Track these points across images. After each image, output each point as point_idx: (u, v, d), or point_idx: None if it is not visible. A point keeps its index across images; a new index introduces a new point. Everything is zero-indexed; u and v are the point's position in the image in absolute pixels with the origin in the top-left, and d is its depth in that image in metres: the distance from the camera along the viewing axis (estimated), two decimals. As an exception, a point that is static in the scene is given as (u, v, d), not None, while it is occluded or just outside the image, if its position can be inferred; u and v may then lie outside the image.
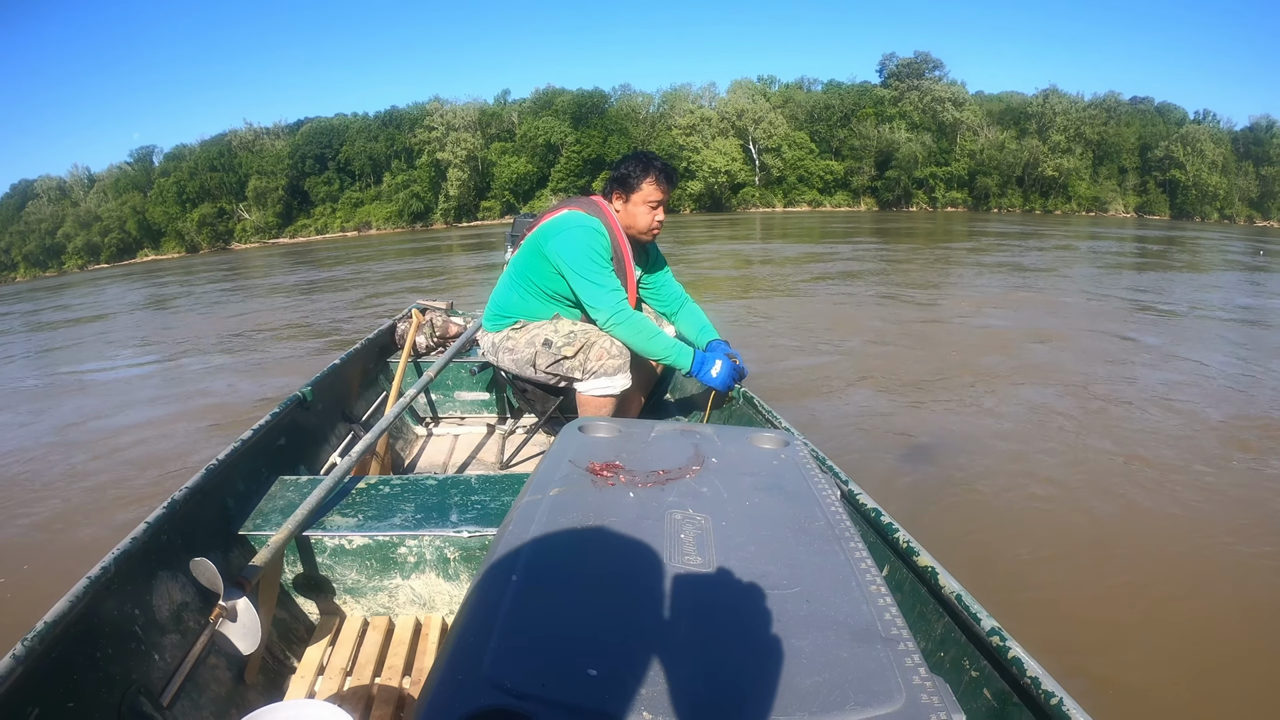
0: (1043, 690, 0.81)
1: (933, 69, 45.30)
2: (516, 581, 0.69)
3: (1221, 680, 1.90)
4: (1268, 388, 4.38)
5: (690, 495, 0.90)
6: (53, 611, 0.93)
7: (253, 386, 5.13)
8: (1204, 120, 46.54)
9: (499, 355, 1.96)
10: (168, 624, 1.13)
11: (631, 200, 1.83)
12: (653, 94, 45.63)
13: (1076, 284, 10.11)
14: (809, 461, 1.04)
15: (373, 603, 1.36)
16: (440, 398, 2.64)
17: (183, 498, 1.26)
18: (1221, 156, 43.81)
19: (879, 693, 0.57)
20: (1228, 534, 2.59)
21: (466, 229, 38.62)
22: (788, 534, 0.82)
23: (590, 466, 0.96)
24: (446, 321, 2.84)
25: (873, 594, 0.71)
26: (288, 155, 46.80)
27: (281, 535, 1.21)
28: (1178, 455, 3.31)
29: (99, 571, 1.02)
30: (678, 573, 0.73)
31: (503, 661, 0.58)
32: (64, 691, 0.91)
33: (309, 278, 14.93)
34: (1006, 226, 26.87)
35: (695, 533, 0.81)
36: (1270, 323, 6.87)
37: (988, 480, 2.98)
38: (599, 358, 1.77)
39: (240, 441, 1.53)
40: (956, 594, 0.99)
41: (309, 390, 1.98)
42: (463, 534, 1.29)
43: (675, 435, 1.11)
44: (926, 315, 7.08)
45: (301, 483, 1.48)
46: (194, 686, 1.09)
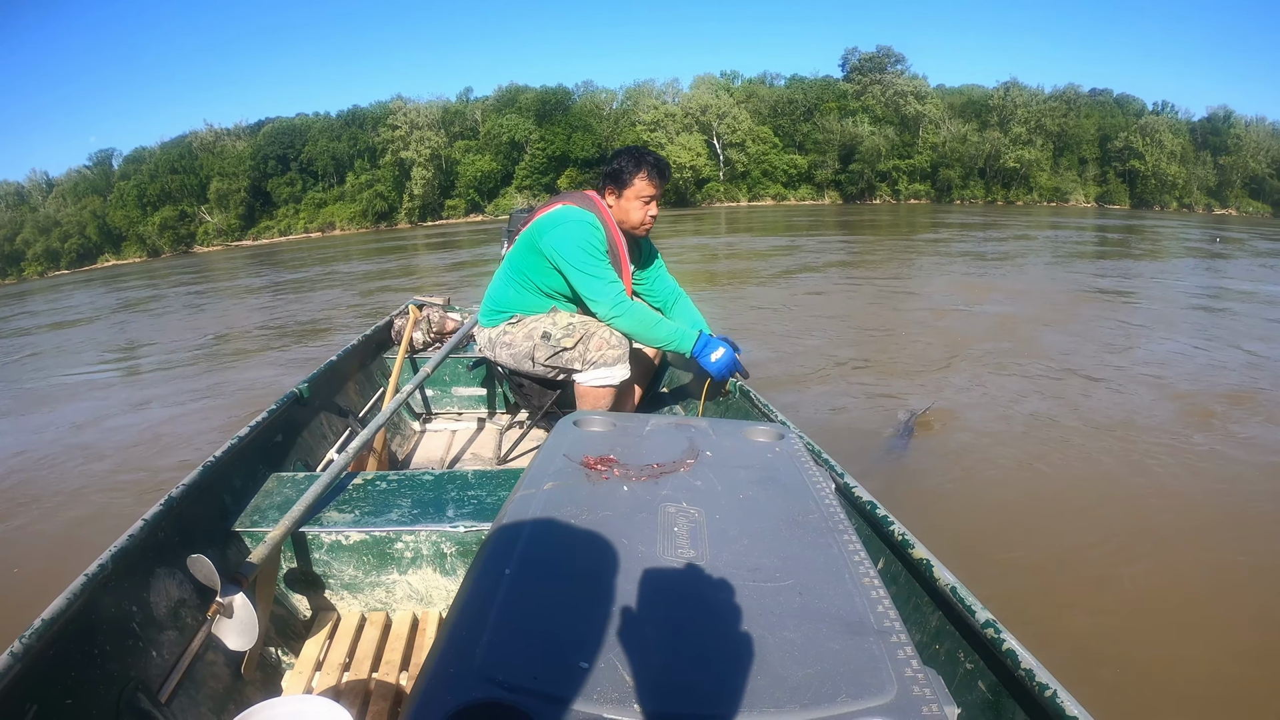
0: (1037, 682, 0.80)
1: (895, 63, 45.62)
2: (510, 575, 0.70)
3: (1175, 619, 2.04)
4: (1228, 365, 4.60)
5: (684, 488, 0.90)
6: (50, 609, 0.93)
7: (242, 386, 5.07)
8: (1162, 111, 47.22)
9: (496, 350, 1.96)
10: (165, 620, 1.13)
11: (624, 195, 1.84)
12: (616, 90, 45.53)
13: (1039, 271, 10.41)
14: (804, 455, 1.04)
15: (370, 598, 1.35)
16: (437, 393, 2.63)
17: (180, 495, 1.26)
18: (1180, 146, 44.48)
19: (870, 685, 0.57)
20: (1190, 497, 2.71)
21: (431, 228, 38.28)
22: (781, 527, 0.83)
23: (585, 460, 0.97)
24: (443, 317, 2.85)
25: (865, 586, 0.71)
26: (249, 156, 46.11)
27: (278, 531, 1.20)
28: (1146, 424, 3.48)
29: (96, 569, 1.02)
30: (671, 566, 0.73)
31: (496, 654, 0.59)
32: (62, 689, 0.91)
33: (276, 280, 14.65)
34: (969, 218, 27.13)
35: (689, 526, 0.81)
36: (1231, 308, 7.06)
37: (962, 456, 3.11)
38: (599, 348, 1.78)
39: (237, 438, 1.53)
40: (951, 586, 0.98)
41: (305, 387, 1.98)
42: (459, 529, 1.29)
43: (670, 429, 1.11)
44: (893, 303, 7.28)
45: (298, 479, 1.48)
46: (191, 683, 1.10)
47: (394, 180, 43.90)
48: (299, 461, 1.81)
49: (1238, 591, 2.20)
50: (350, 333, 2.80)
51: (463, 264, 14.59)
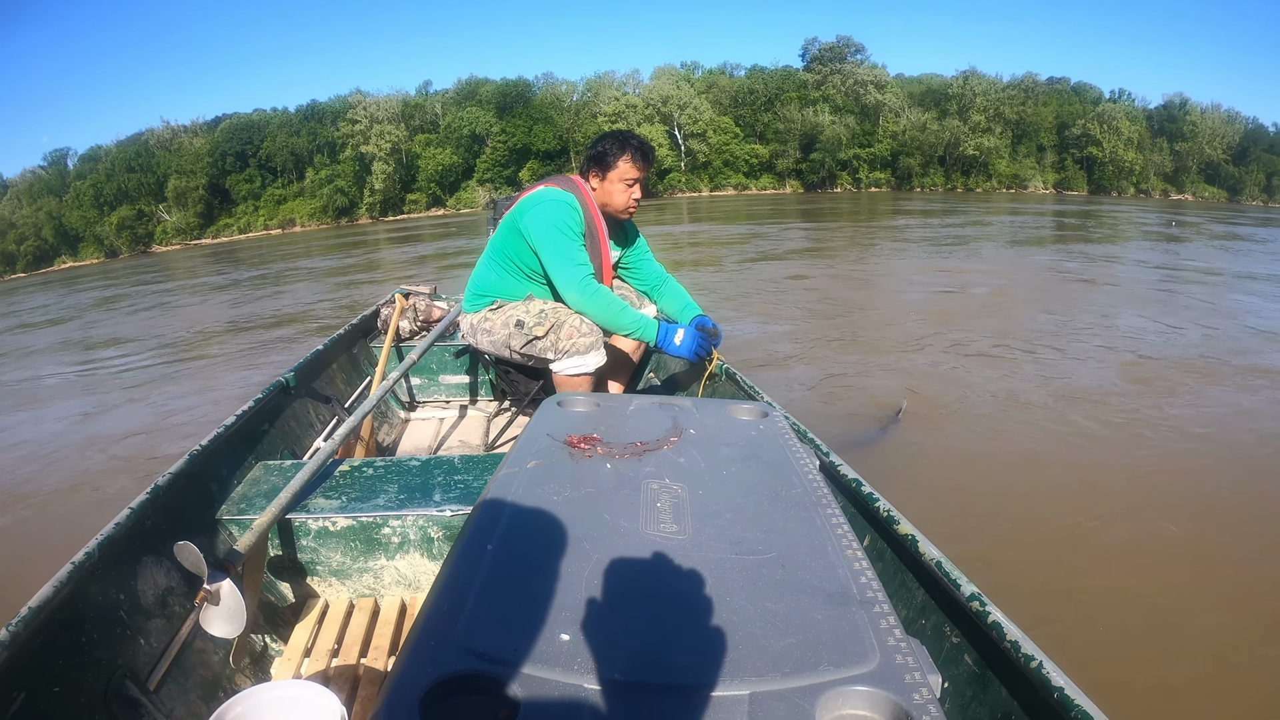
0: (1023, 654, 0.81)
1: (855, 52, 45.87)
2: (492, 551, 0.70)
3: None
4: (1181, 340, 4.90)
5: (668, 465, 0.91)
6: (37, 597, 0.92)
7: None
8: (1119, 99, 47.90)
9: (477, 337, 1.97)
10: (153, 608, 1.12)
11: (608, 178, 1.84)
12: (576, 82, 45.41)
13: (998, 254, 10.74)
14: (788, 432, 1.04)
15: (358, 584, 1.35)
16: (424, 381, 2.65)
17: (166, 483, 1.25)
18: (1137, 133, 45.14)
19: (853, 653, 0.57)
20: (1144, 457, 2.93)
21: (393, 223, 37.92)
22: (764, 502, 0.83)
23: (568, 439, 0.97)
24: (429, 305, 2.85)
25: (848, 558, 0.71)
26: (207, 153, 45.38)
27: (265, 518, 1.20)
28: (1101, 392, 3.75)
29: (83, 557, 1.01)
30: (653, 540, 0.73)
31: (477, 628, 0.59)
32: (50, 677, 0.91)
33: (238, 278, 14.20)
34: (930, 205, 27.38)
35: (672, 501, 0.82)
36: (1187, 287, 7.36)
37: (925, 421, 3.36)
38: (569, 336, 1.78)
39: (223, 427, 1.53)
40: (936, 561, 0.98)
41: (292, 375, 1.98)
42: (446, 513, 1.28)
43: (654, 408, 1.11)
44: (858, 286, 7.58)
45: (285, 467, 1.48)
46: (180, 670, 1.10)
47: (354, 175, 43.44)
48: (286, 450, 1.80)
49: (1185, 529, 2.41)
50: (350, 321, 2.78)
51: (425, 258, 14.43)
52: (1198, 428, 3.25)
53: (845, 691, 0.54)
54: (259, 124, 46.28)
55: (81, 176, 45.75)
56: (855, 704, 0.54)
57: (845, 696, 0.54)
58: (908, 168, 43.50)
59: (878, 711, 0.54)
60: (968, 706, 0.90)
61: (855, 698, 0.54)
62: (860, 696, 0.54)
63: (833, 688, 0.54)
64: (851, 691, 0.54)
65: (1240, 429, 3.25)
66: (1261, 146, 47.94)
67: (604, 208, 1.89)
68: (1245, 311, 5.92)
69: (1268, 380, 3.95)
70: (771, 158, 44.14)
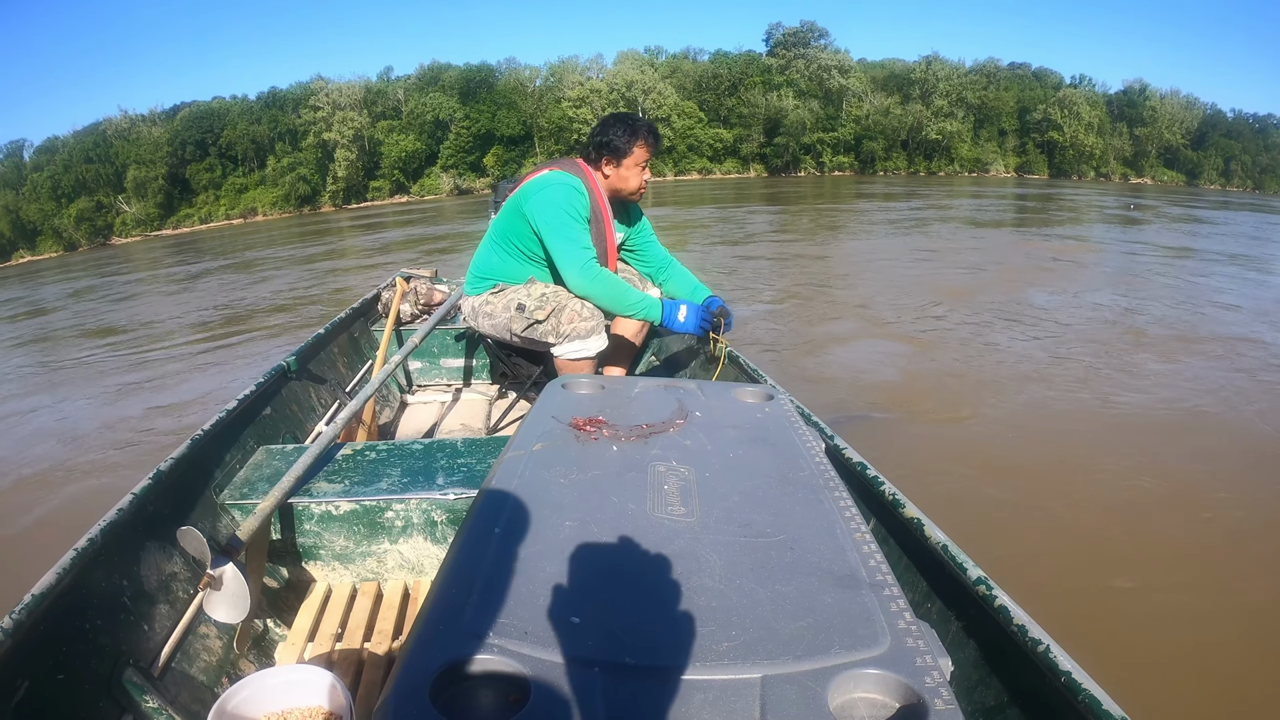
0: (1029, 638, 0.80)
1: (818, 37, 46.22)
2: (499, 534, 0.70)
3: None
4: (1141, 312, 5.29)
5: (674, 448, 0.90)
6: (40, 584, 0.91)
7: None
8: (1080, 84, 48.66)
9: (479, 320, 1.97)
10: (156, 594, 1.11)
11: (623, 164, 1.83)
12: (540, 67, 45.19)
13: (958, 235, 11.03)
14: (793, 415, 1.04)
15: (361, 568, 1.34)
16: (426, 365, 2.64)
17: (168, 468, 1.24)
18: (1097, 118, 45.87)
19: (864, 636, 0.57)
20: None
21: (356, 210, 37.51)
22: (772, 485, 0.82)
23: (573, 422, 0.96)
24: (431, 289, 2.83)
25: (857, 541, 0.71)
26: (167, 142, 44.64)
27: (268, 503, 1.19)
28: (1058, 354, 4.09)
29: (86, 543, 1.01)
30: (661, 522, 0.73)
31: (485, 612, 0.58)
32: (53, 664, 0.90)
33: (206, 269, 13.61)
34: (892, 188, 27.53)
35: (679, 484, 0.81)
36: (1144, 265, 7.85)
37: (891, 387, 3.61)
38: (570, 320, 1.77)
39: (225, 412, 1.52)
40: (943, 544, 0.98)
41: (293, 360, 1.97)
42: (449, 496, 1.27)
43: (659, 391, 1.10)
44: (819, 266, 7.95)
45: (287, 451, 1.46)
46: (184, 656, 1.09)
47: (317, 163, 42.96)
48: (288, 434, 1.79)
49: (1129, 470, 2.65)
50: (351, 304, 2.75)
51: (391, 245, 14.14)
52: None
53: (857, 674, 0.53)
54: (219, 112, 45.63)
55: (39, 168, 44.79)
56: (867, 686, 0.53)
57: (857, 679, 0.53)
58: (871, 152, 43.86)
59: (890, 694, 0.53)
60: (975, 690, 0.88)
61: (867, 680, 0.53)
62: (872, 679, 0.53)
63: (844, 670, 0.53)
64: (863, 674, 0.53)
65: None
66: (1219, 132, 48.91)
67: (617, 192, 1.89)
68: (1207, 290, 6.27)
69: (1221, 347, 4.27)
70: (736, 142, 44.28)
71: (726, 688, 0.52)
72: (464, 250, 11.05)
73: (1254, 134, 49.39)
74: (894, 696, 0.53)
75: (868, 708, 0.53)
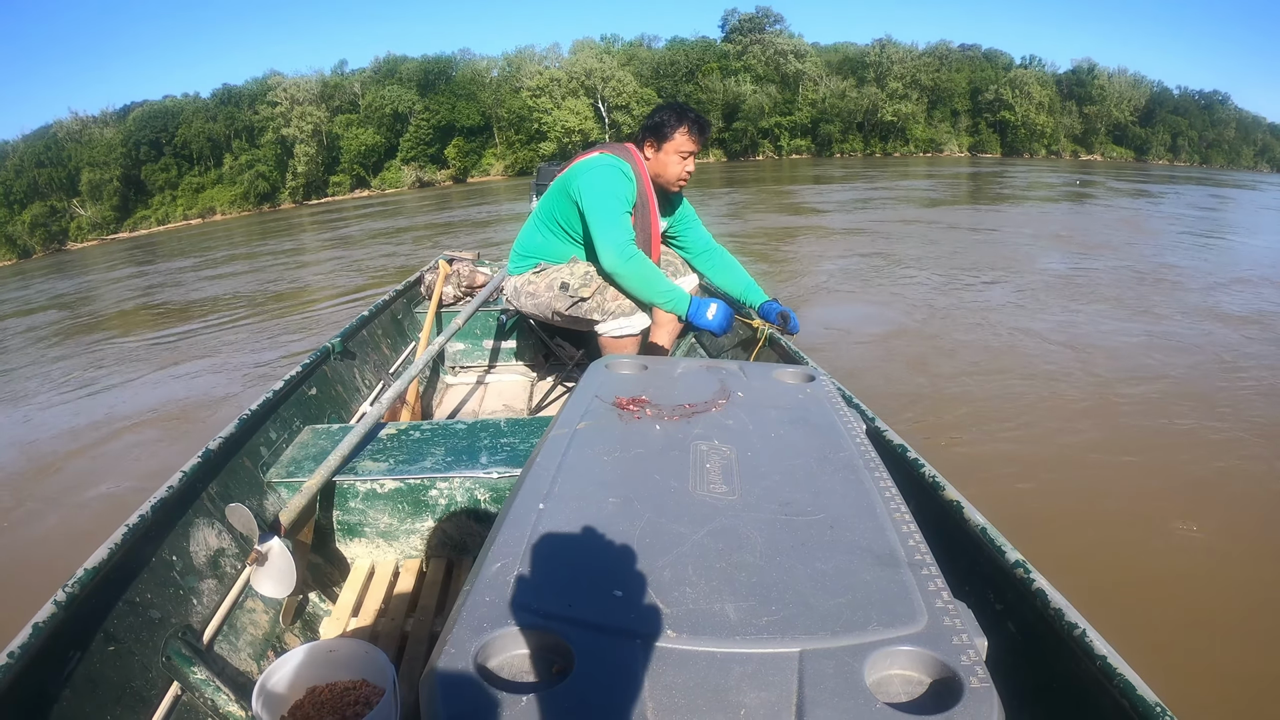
0: (1066, 622, 0.80)
1: (774, 23, 46.65)
2: (543, 509, 0.70)
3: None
4: (1082, 279, 5.89)
5: (716, 427, 0.90)
6: (93, 558, 0.93)
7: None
8: (1030, 65, 49.66)
9: (521, 300, 1.95)
10: (205, 569, 1.14)
11: (664, 149, 1.81)
12: (496, 58, 45.04)
13: (910, 212, 11.70)
14: (835, 396, 1.03)
15: (405, 545, 1.35)
16: (469, 347, 2.66)
17: (217, 447, 1.26)
18: (1047, 97, 46.91)
19: (901, 614, 0.57)
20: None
21: (317, 206, 37.18)
22: (813, 464, 0.82)
23: (617, 401, 0.97)
24: (473, 271, 2.87)
25: (896, 520, 0.71)
26: (120, 143, 43.81)
27: (314, 481, 1.21)
28: (989, 317, 4.63)
29: (137, 519, 1.03)
30: (703, 500, 0.74)
31: (530, 584, 0.59)
32: (104, 636, 0.92)
33: (161, 276, 12.83)
34: (849, 170, 28.01)
35: (721, 462, 0.81)
36: (1082, 239, 8.54)
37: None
38: (614, 298, 1.77)
39: (271, 393, 1.54)
40: (981, 527, 0.99)
41: (337, 341, 1.99)
42: (493, 475, 1.29)
43: (701, 371, 1.11)
44: (776, 246, 8.40)
45: (333, 430, 1.48)
46: (231, 630, 1.11)
47: (276, 159, 42.45)
48: (333, 414, 1.81)
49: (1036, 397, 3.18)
50: (394, 287, 2.85)
51: (351, 240, 14.09)
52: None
53: (893, 651, 0.54)
54: (172, 111, 44.89)
55: (-12, 173, 43.74)
56: (903, 664, 0.54)
57: (893, 656, 0.54)
58: (828, 134, 44.44)
59: (925, 671, 0.53)
60: (1011, 672, 0.87)
61: (903, 657, 0.54)
62: (908, 656, 0.54)
63: (881, 647, 0.54)
64: (900, 651, 0.54)
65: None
66: (1167, 108, 50.29)
67: (656, 178, 1.86)
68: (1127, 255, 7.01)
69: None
70: None
71: (765, 661, 0.52)
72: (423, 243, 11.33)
73: (1200, 110, 50.86)
74: (930, 673, 0.53)
75: (904, 684, 0.53)
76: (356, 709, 0.88)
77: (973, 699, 0.49)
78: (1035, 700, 0.85)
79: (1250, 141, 52.52)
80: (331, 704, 0.88)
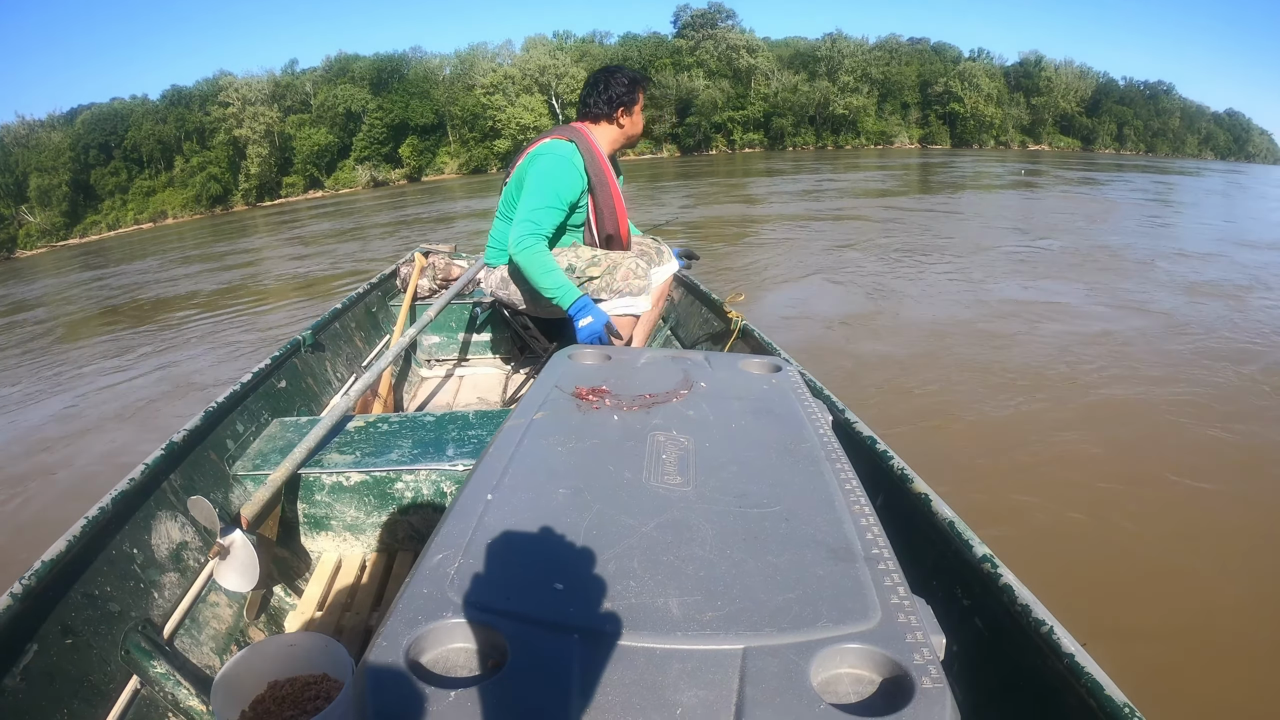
0: (1033, 618, 0.79)
1: (726, 18, 47.20)
2: (491, 500, 0.69)
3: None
4: (1029, 258, 6.51)
5: (676, 418, 0.89)
6: (50, 551, 0.92)
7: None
8: (978, 57, 50.81)
9: (509, 288, 1.94)
10: (167, 563, 1.13)
11: (634, 112, 1.89)
12: (449, 55, 44.98)
13: (861, 202, 12.27)
14: (801, 387, 1.02)
15: (371, 539, 1.34)
16: (443, 339, 2.65)
17: (181, 439, 1.25)
18: (995, 89, 48.05)
19: (853, 610, 0.55)
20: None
21: (270, 208, 36.89)
22: (772, 455, 0.81)
23: (576, 391, 0.96)
24: (449, 264, 2.85)
25: (855, 514, 0.70)
26: (69, 147, 43.10)
27: (280, 474, 1.20)
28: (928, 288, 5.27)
29: (97, 511, 1.02)
30: (656, 491, 0.72)
31: (468, 578, 0.58)
32: (62, 629, 0.91)
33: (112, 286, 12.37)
34: (801, 162, 28.49)
35: (677, 453, 0.80)
36: (1032, 226, 9.14)
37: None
38: (625, 278, 1.80)
39: (239, 384, 1.52)
40: (949, 521, 0.98)
41: (309, 334, 1.98)
42: (458, 467, 1.28)
43: (666, 361, 1.10)
44: (729, 233, 9.07)
45: (301, 423, 1.46)
46: (194, 623, 1.10)
47: (228, 161, 42.07)
48: (303, 406, 1.79)
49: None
50: (369, 279, 2.84)
51: (311, 237, 13.93)
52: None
53: (842, 649, 0.52)
54: (121, 113, 44.23)
55: (-68, 181, 42.78)
56: (852, 661, 0.52)
57: (842, 654, 0.52)
58: (780, 128, 45.11)
59: (875, 670, 0.52)
60: (976, 670, 0.86)
61: (852, 655, 0.52)
62: (857, 654, 0.52)
63: (829, 645, 0.52)
64: (849, 649, 0.52)
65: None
66: (1112, 99, 51.72)
67: (631, 139, 1.95)
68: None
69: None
70: (648, 123, 43.72)
71: (706, 658, 0.51)
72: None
73: (1145, 100, 52.37)
74: (880, 673, 0.52)
75: (853, 683, 0.51)
76: (317, 704, 0.87)
77: (924, 699, 0.48)
78: (1001, 699, 0.83)
79: (1194, 130, 54.22)
80: (292, 698, 0.88)
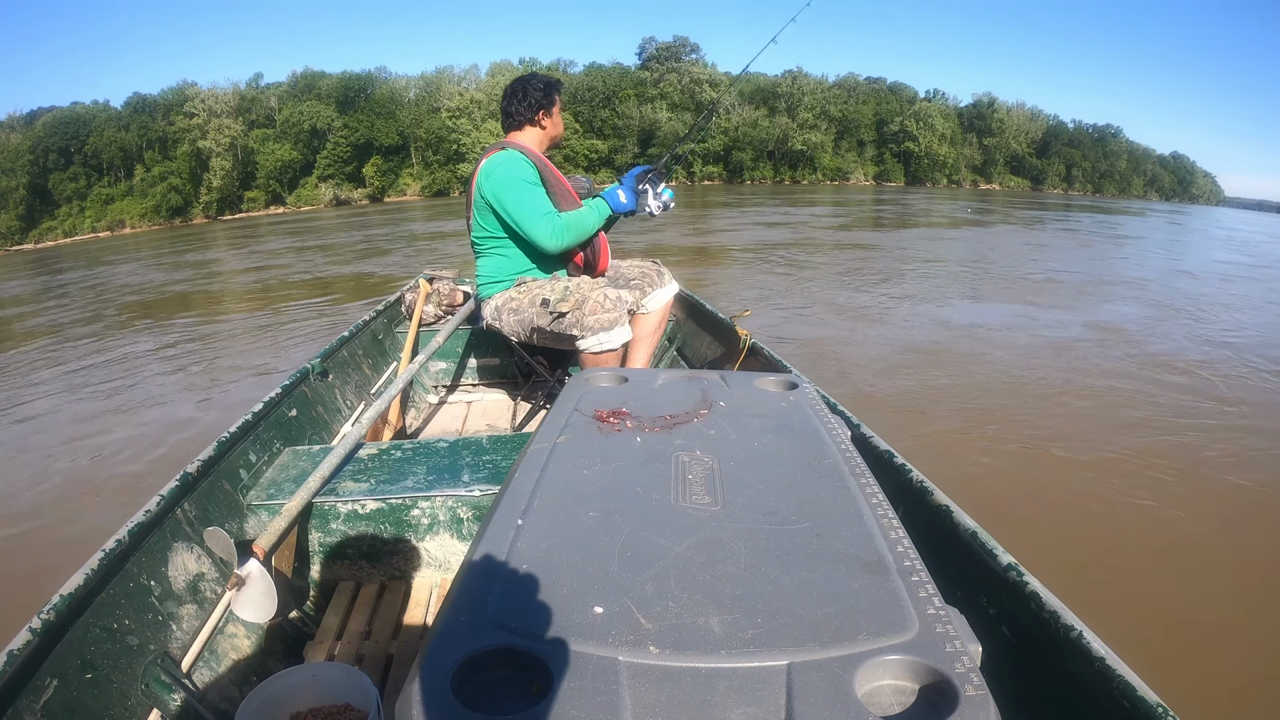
0: (1062, 624, 0.80)
1: (690, 52, 48.54)
2: (522, 525, 0.69)
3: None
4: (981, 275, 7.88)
5: (698, 438, 0.90)
6: (68, 585, 0.92)
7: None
8: (933, 98, 52.75)
9: (503, 318, 1.96)
10: (184, 594, 1.13)
11: (554, 114, 1.97)
12: (414, 77, 45.50)
13: (819, 233, 13.68)
14: (818, 403, 1.03)
15: (388, 566, 1.34)
16: (451, 365, 2.67)
17: (195, 470, 1.26)
18: (949, 129, 49.98)
19: (892, 622, 0.56)
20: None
21: (231, 222, 36.97)
22: (797, 472, 0.82)
23: (596, 414, 0.96)
24: (453, 290, 2.86)
25: (884, 527, 0.70)
26: (28, 150, 42.69)
27: (295, 503, 1.21)
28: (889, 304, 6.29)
29: (114, 544, 1.02)
30: (685, 512, 0.73)
31: (508, 601, 0.58)
32: (81, 664, 0.91)
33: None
34: (760, 196, 29.52)
35: (703, 473, 0.81)
36: (987, 259, 10.23)
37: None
38: (594, 311, 1.79)
39: (250, 414, 1.54)
40: (972, 531, 0.99)
41: (317, 363, 1.99)
42: (474, 493, 1.29)
43: (682, 382, 1.11)
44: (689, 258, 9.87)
45: (314, 452, 1.48)
46: (213, 655, 1.10)
47: (190, 172, 41.97)
48: (314, 435, 1.80)
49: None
50: (374, 307, 2.90)
51: (272, 253, 13.83)
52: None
53: (884, 661, 0.52)
54: (83, 118, 43.89)
55: (-117, 178, 42.03)
56: (895, 673, 0.52)
57: (885, 666, 0.52)
58: (740, 161, 46.52)
59: (918, 680, 0.52)
60: (1007, 678, 0.85)
61: (895, 667, 0.52)
62: (900, 665, 0.52)
63: (872, 657, 0.52)
64: (891, 661, 0.52)
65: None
66: (1062, 140, 53.99)
67: (554, 140, 2.00)
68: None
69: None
70: (610, 153, 45.58)
71: (752, 675, 0.51)
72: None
73: (1094, 142, 54.72)
74: (923, 682, 0.52)
75: (896, 694, 0.51)
76: None
77: (968, 707, 0.48)
78: (1034, 706, 0.84)
79: (1140, 172, 56.79)
80: None
